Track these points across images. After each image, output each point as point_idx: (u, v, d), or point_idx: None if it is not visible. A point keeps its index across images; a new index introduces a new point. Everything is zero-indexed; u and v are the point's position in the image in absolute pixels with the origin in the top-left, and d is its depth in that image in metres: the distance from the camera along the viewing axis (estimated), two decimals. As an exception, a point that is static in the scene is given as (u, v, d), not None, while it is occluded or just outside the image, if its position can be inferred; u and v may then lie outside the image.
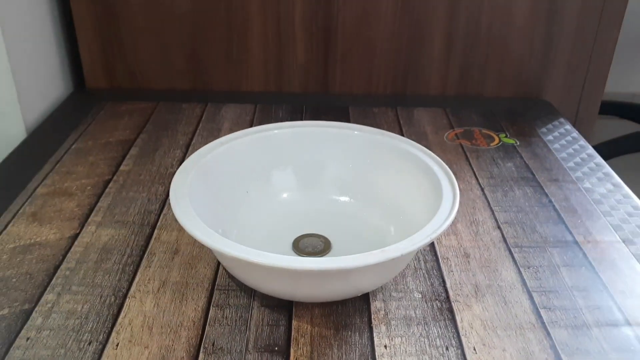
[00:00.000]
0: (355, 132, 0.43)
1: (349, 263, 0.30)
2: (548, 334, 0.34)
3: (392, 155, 0.41)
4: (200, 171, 0.38)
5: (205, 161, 0.39)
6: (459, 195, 0.36)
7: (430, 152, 0.40)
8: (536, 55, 0.65)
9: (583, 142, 0.56)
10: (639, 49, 1.51)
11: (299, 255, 0.39)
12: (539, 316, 0.35)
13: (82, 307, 0.35)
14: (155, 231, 0.42)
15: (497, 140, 0.56)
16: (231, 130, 0.55)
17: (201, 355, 0.32)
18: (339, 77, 0.65)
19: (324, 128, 0.43)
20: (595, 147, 0.53)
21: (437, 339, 0.33)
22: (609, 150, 1.28)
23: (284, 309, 0.35)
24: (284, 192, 0.43)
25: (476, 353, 0.32)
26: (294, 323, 0.34)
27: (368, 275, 0.33)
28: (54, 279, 0.37)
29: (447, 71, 0.65)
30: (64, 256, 0.39)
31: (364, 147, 0.43)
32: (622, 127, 1.36)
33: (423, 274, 0.38)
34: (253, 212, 0.41)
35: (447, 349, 0.33)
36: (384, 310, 0.35)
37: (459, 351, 0.32)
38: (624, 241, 0.42)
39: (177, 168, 0.39)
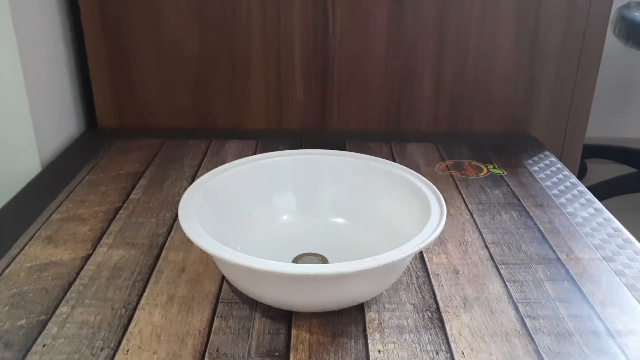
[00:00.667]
0: (350, 159, 0.46)
1: (344, 269, 0.33)
2: (532, 339, 0.36)
3: (384, 178, 0.45)
4: (206, 193, 0.41)
5: (211, 184, 0.42)
6: (446, 211, 0.38)
7: (418, 174, 0.43)
8: (520, 93, 0.69)
9: (567, 172, 0.59)
10: (628, 96, 1.57)
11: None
12: (524, 324, 0.37)
13: (95, 318, 0.37)
14: (163, 252, 0.45)
15: (485, 171, 0.59)
16: (234, 163, 0.59)
17: (206, 360, 0.34)
18: (335, 115, 0.70)
19: (320, 155, 0.47)
20: (589, 189, 0.55)
21: (428, 345, 0.35)
22: (602, 192, 1.31)
23: (284, 319, 0.37)
24: (284, 214, 0.46)
25: (464, 357, 0.34)
26: (294, 332, 0.36)
27: (362, 283, 0.35)
28: (68, 293, 0.39)
29: (437, 109, 0.70)
30: (78, 273, 0.42)
31: (358, 172, 0.46)
32: (614, 170, 1.40)
33: (415, 288, 0.41)
34: (255, 233, 0.44)
35: (437, 353, 0.35)
36: (378, 320, 0.38)
37: (449, 355, 0.35)
38: (604, 258, 0.44)
39: (185, 190, 0.42)
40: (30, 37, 0.58)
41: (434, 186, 0.41)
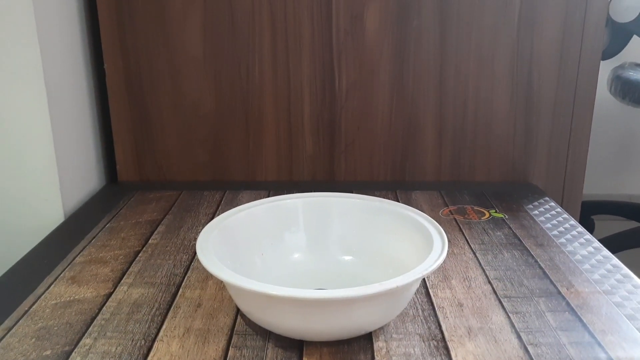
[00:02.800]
0: (357, 200, 0.49)
1: (352, 293, 0.35)
2: (535, 364, 0.37)
3: (388, 217, 0.47)
4: (223, 230, 0.44)
5: (226, 223, 0.45)
6: (447, 242, 0.41)
7: (420, 212, 0.46)
8: (519, 144, 0.72)
9: (566, 215, 0.62)
10: (631, 153, 1.60)
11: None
12: (527, 351, 0.39)
13: (116, 348, 0.39)
14: (180, 290, 0.47)
15: (487, 215, 0.61)
16: (247, 210, 0.61)
17: (222, 385, 0.35)
18: (343, 166, 0.73)
19: (329, 197, 0.50)
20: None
21: (434, 370, 0.37)
22: (609, 247, 1.32)
23: (295, 348, 0.39)
24: (295, 253, 0.48)
25: (469, 380, 0.36)
26: (305, 359, 0.38)
27: (370, 310, 0.37)
28: (91, 327, 0.42)
29: (439, 160, 0.73)
30: (100, 309, 0.44)
31: (364, 212, 0.49)
32: (621, 226, 1.41)
33: (421, 319, 0.43)
34: (267, 270, 0.46)
35: (443, 377, 0.36)
36: (386, 348, 0.39)
37: (454, 379, 0.36)
38: (604, 292, 0.46)
39: (202, 229, 0.45)
40: (60, 98, 0.63)
41: (434, 221, 0.44)
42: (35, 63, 0.59)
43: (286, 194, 0.68)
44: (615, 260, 0.52)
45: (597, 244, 0.55)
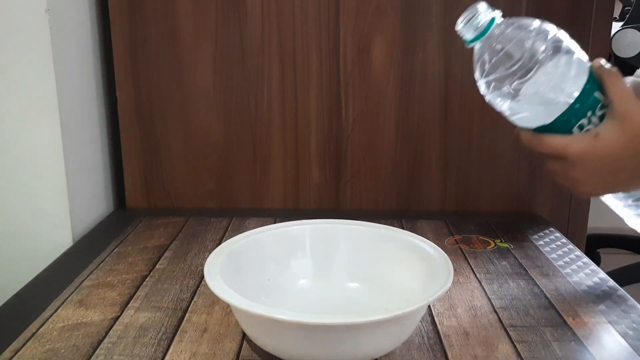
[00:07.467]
0: (363, 228, 0.50)
1: (357, 319, 0.35)
2: (541, 394, 0.37)
3: (394, 244, 0.48)
4: (230, 256, 0.45)
5: (234, 248, 0.46)
6: (452, 270, 0.41)
7: (425, 240, 0.47)
8: (524, 174, 0.73)
9: (572, 245, 0.62)
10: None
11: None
12: (533, 380, 0.39)
13: (122, 371, 0.39)
14: (187, 314, 0.47)
15: (492, 245, 0.62)
16: (254, 237, 0.62)
17: (227, 410, 0.36)
18: (349, 195, 0.74)
19: (335, 225, 0.50)
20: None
21: (440, 398, 0.37)
22: (615, 280, 1.30)
23: (301, 374, 0.39)
24: (301, 279, 0.49)
25: (475, 409, 0.36)
26: (310, 385, 0.38)
27: (376, 336, 0.38)
28: (98, 350, 0.42)
29: (445, 189, 0.74)
30: (107, 333, 0.44)
31: (370, 240, 0.49)
32: (627, 260, 1.40)
33: (427, 347, 0.43)
34: (274, 295, 0.46)
35: (449, 405, 0.36)
36: (392, 375, 0.39)
37: (460, 407, 0.36)
38: (609, 322, 0.46)
39: (210, 254, 0.45)
40: (73, 125, 0.65)
41: (440, 249, 0.44)
42: (50, 91, 0.60)
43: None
44: (620, 291, 0.52)
45: (603, 274, 0.55)
